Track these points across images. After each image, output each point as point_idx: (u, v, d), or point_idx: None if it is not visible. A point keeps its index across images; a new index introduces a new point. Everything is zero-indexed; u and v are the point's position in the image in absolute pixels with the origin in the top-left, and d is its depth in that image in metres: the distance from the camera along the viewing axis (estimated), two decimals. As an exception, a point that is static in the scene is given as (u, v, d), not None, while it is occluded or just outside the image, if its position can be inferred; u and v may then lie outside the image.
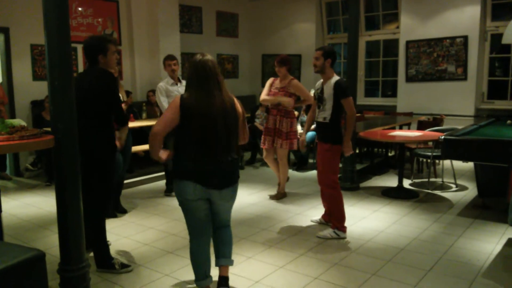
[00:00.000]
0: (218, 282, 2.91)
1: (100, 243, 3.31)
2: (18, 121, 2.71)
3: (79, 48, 7.18)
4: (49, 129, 2.75)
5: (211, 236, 2.90)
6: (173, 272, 3.28)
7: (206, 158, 2.61)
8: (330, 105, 3.96)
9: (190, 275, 3.21)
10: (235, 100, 2.71)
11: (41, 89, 6.56)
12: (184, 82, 5.30)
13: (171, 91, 5.23)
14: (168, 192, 5.51)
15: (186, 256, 3.58)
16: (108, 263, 3.28)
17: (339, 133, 3.98)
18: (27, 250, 2.20)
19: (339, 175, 5.86)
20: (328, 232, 3.99)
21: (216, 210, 2.80)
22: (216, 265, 2.92)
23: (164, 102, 5.16)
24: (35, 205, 5.11)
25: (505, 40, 5.39)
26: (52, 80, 2.53)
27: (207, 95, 2.60)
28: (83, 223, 2.72)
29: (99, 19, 7.49)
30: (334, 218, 4.04)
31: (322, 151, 4.03)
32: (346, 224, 4.05)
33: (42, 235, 4.14)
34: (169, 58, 5.33)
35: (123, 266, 3.32)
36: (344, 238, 3.94)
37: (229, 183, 2.72)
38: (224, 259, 2.90)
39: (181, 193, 2.67)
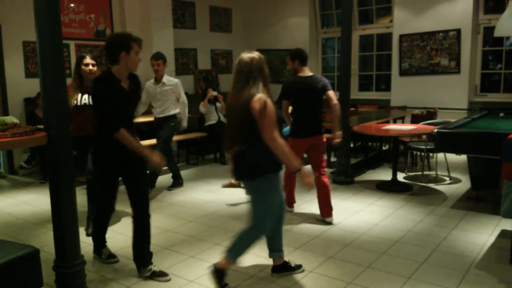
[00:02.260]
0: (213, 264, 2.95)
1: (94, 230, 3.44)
2: (10, 118, 2.70)
3: (72, 44, 7.15)
4: (42, 126, 2.74)
5: (276, 220, 3.01)
6: (169, 268, 3.29)
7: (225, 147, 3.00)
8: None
9: (186, 271, 3.23)
10: (253, 99, 2.67)
11: (34, 86, 6.51)
12: (167, 83, 5.34)
13: (151, 91, 5.31)
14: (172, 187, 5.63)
15: (181, 252, 3.59)
16: (96, 249, 3.41)
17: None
18: (22, 247, 2.21)
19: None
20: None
21: None
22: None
23: (140, 103, 5.11)
24: (30, 203, 5.09)
25: (498, 33, 5.42)
26: (44, 77, 2.52)
27: (232, 90, 2.85)
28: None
29: (92, 15, 7.45)
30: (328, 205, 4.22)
31: (322, 143, 4.23)
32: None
33: (37, 232, 4.13)
34: (153, 57, 5.26)
35: (110, 256, 3.38)
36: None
37: (241, 175, 2.87)
38: (227, 250, 2.89)
39: None
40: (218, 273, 2.86)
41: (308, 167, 4.35)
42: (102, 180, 3.21)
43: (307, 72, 4.23)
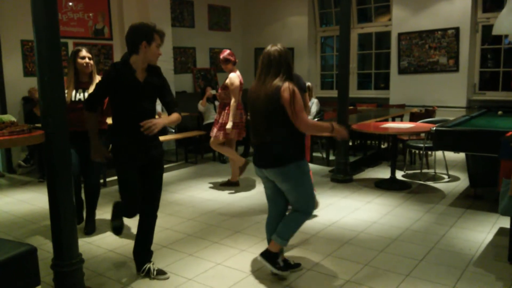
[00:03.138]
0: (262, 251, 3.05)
1: None
2: (7, 117, 2.69)
3: (70, 43, 7.14)
4: (40, 125, 2.73)
5: (276, 215, 3.08)
6: (167, 266, 3.29)
7: (252, 138, 2.98)
8: None
9: (185, 269, 3.23)
10: (281, 88, 2.75)
11: (32, 85, 6.52)
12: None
13: None
14: None
15: (180, 250, 3.59)
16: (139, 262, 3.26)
17: None
18: (19, 245, 2.20)
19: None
20: None
21: (282, 190, 2.97)
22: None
23: None
24: (28, 202, 5.09)
25: (496, 31, 5.41)
26: (42, 76, 2.51)
27: (256, 83, 2.92)
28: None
29: (90, 14, 7.44)
30: None
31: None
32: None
33: (36, 231, 4.13)
34: None
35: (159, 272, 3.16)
36: None
37: (269, 165, 2.87)
38: (274, 235, 2.98)
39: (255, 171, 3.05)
40: (271, 256, 2.96)
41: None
42: (123, 176, 3.01)
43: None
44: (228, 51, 5.29)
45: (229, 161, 5.74)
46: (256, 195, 5.18)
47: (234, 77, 5.19)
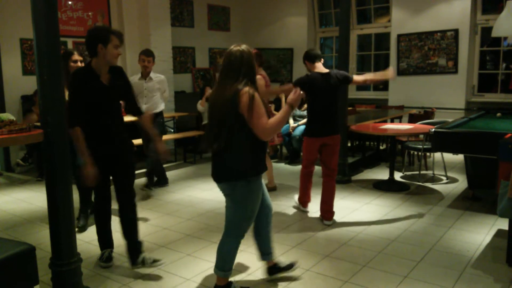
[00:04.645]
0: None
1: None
2: (6, 115, 2.68)
3: (69, 42, 7.13)
4: (39, 123, 2.73)
5: (260, 222, 2.92)
6: (166, 266, 3.28)
7: (202, 146, 2.78)
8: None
9: (183, 269, 3.22)
10: (240, 92, 2.50)
11: (31, 84, 6.50)
12: (154, 79, 5.26)
13: (137, 87, 4.97)
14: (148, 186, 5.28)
15: (178, 250, 3.59)
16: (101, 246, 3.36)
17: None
18: (17, 244, 2.20)
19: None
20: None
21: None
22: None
23: None
24: (27, 201, 5.08)
25: (495, 33, 5.42)
26: (41, 74, 2.51)
27: (216, 86, 2.70)
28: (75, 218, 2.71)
29: (89, 13, 7.43)
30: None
31: (335, 143, 4.19)
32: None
33: (34, 230, 4.12)
34: (145, 53, 5.13)
35: (107, 260, 3.30)
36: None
37: (219, 178, 2.67)
38: (215, 268, 2.79)
39: None
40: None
41: (319, 168, 4.38)
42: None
43: (321, 69, 4.13)
44: (253, 51, 5.18)
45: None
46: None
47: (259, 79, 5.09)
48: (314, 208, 4.47)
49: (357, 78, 4.24)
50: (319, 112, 4.12)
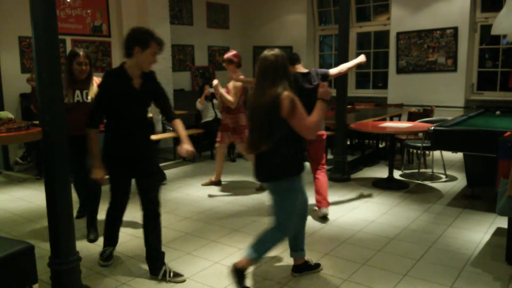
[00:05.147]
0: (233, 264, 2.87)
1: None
2: (5, 114, 2.68)
3: (68, 40, 7.11)
4: (38, 122, 2.72)
5: (299, 217, 2.97)
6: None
7: (247, 149, 2.88)
8: None
9: (182, 268, 3.22)
10: (281, 97, 2.59)
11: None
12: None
13: None
14: None
15: (178, 249, 3.59)
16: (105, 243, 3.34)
17: None
18: (16, 243, 2.19)
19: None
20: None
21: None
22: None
23: None
24: (26, 199, 5.07)
25: (495, 31, 5.41)
26: (40, 72, 2.50)
27: (254, 90, 2.78)
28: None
29: (88, 11, 7.41)
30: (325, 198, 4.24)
31: (321, 139, 4.20)
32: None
33: (33, 229, 4.12)
34: None
35: (107, 258, 3.28)
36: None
37: (264, 178, 2.82)
38: (248, 249, 2.83)
39: None
40: (238, 273, 2.78)
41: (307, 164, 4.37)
42: (112, 175, 3.09)
43: (301, 69, 4.20)
44: (234, 52, 5.17)
45: (215, 159, 5.70)
46: (253, 194, 5.18)
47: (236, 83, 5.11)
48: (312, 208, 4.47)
49: (332, 72, 4.28)
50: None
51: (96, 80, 3.73)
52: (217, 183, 5.62)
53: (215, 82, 5.08)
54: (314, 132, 2.70)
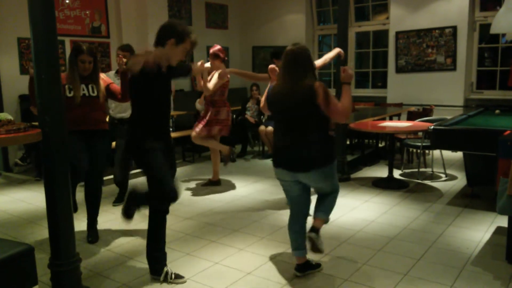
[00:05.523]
0: (309, 229, 2.99)
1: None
2: (4, 115, 2.67)
3: (67, 41, 7.11)
4: (37, 123, 2.72)
5: (303, 215, 3.10)
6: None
7: (279, 141, 2.97)
8: None
9: (183, 268, 3.21)
10: (315, 86, 2.75)
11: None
12: None
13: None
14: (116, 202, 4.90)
15: (177, 249, 3.58)
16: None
17: None
18: (16, 244, 2.19)
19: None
20: None
21: (313, 187, 3.03)
22: (313, 218, 3.05)
23: None
24: (25, 200, 5.07)
25: (493, 30, 5.41)
26: (39, 74, 2.50)
27: (281, 83, 2.91)
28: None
29: (87, 12, 7.41)
30: None
31: None
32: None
33: (33, 230, 4.11)
34: (121, 48, 4.69)
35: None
36: None
37: (309, 167, 2.83)
38: (319, 212, 3.02)
39: (276, 174, 3.01)
40: (317, 232, 2.96)
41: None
42: (158, 161, 2.93)
43: None
44: (218, 47, 5.16)
45: (211, 159, 5.68)
46: (253, 194, 5.18)
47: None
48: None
49: (317, 63, 4.30)
50: None
51: (101, 76, 3.77)
52: (216, 182, 5.61)
53: (207, 64, 4.89)
54: (348, 115, 2.90)
